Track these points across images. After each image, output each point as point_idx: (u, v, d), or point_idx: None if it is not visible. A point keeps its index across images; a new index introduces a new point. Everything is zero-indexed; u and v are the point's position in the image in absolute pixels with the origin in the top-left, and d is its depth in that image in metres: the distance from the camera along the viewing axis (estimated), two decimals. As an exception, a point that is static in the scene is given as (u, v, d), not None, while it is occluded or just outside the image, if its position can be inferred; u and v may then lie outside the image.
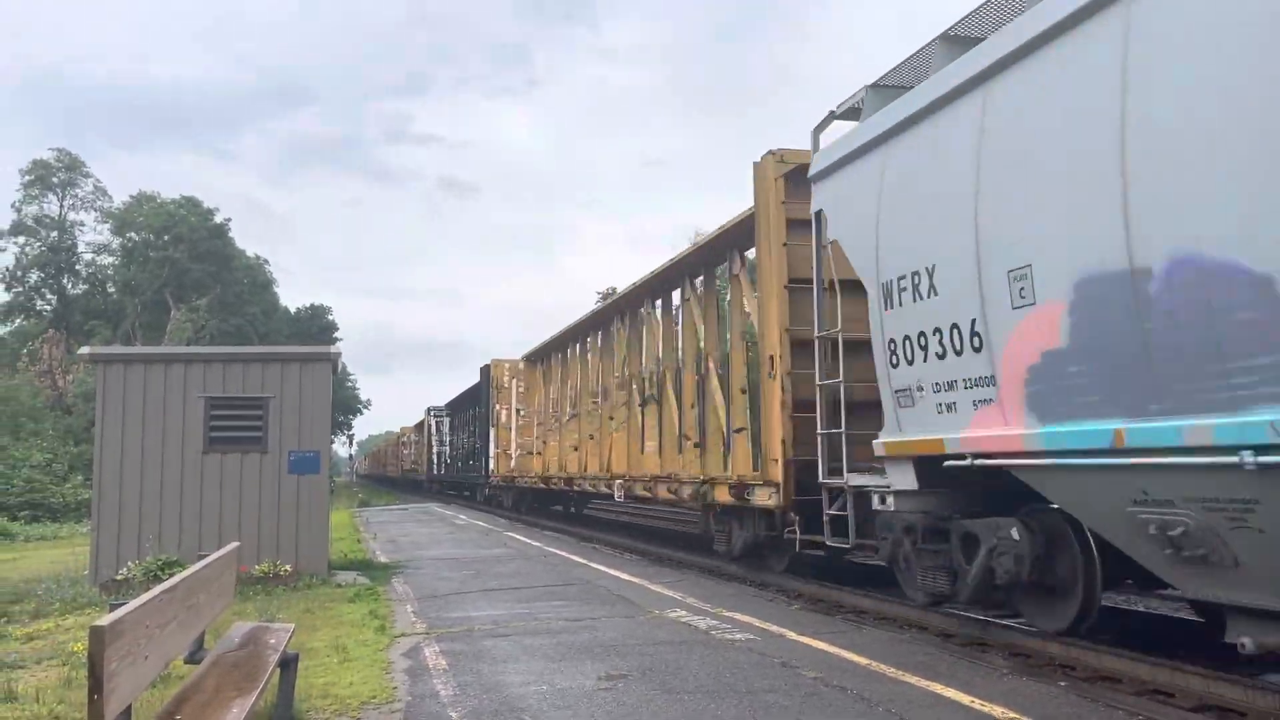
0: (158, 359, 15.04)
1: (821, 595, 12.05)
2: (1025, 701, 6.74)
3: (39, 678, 8.48)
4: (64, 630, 11.10)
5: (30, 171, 66.76)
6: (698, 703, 6.86)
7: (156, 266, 64.15)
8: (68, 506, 36.88)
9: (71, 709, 7.07)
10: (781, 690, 7.17)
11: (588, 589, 13.01)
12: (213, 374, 14.67)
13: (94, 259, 69.54)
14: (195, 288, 64.04)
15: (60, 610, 12.66)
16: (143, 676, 4.38)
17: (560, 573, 14.99)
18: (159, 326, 60.74)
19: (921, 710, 6.55)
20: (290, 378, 14.78)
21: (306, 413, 14.78)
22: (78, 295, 68.46)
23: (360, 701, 7.15)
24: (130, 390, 14.37)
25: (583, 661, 8.33)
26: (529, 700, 7.04)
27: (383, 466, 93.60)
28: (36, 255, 67.10)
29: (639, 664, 8.17)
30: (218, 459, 14.46)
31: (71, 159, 67.78)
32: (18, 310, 67.86)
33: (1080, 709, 6.59)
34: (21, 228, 66.79)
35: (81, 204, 68.51)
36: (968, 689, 7.10)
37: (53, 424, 45.74)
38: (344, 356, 16.74)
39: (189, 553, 13.43)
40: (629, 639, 9.32)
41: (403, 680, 7.82)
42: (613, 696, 7.09)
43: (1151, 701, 6.97)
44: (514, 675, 7.88)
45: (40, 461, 39.54)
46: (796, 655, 8.42)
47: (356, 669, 8.27)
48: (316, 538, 14.67)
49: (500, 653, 8.81)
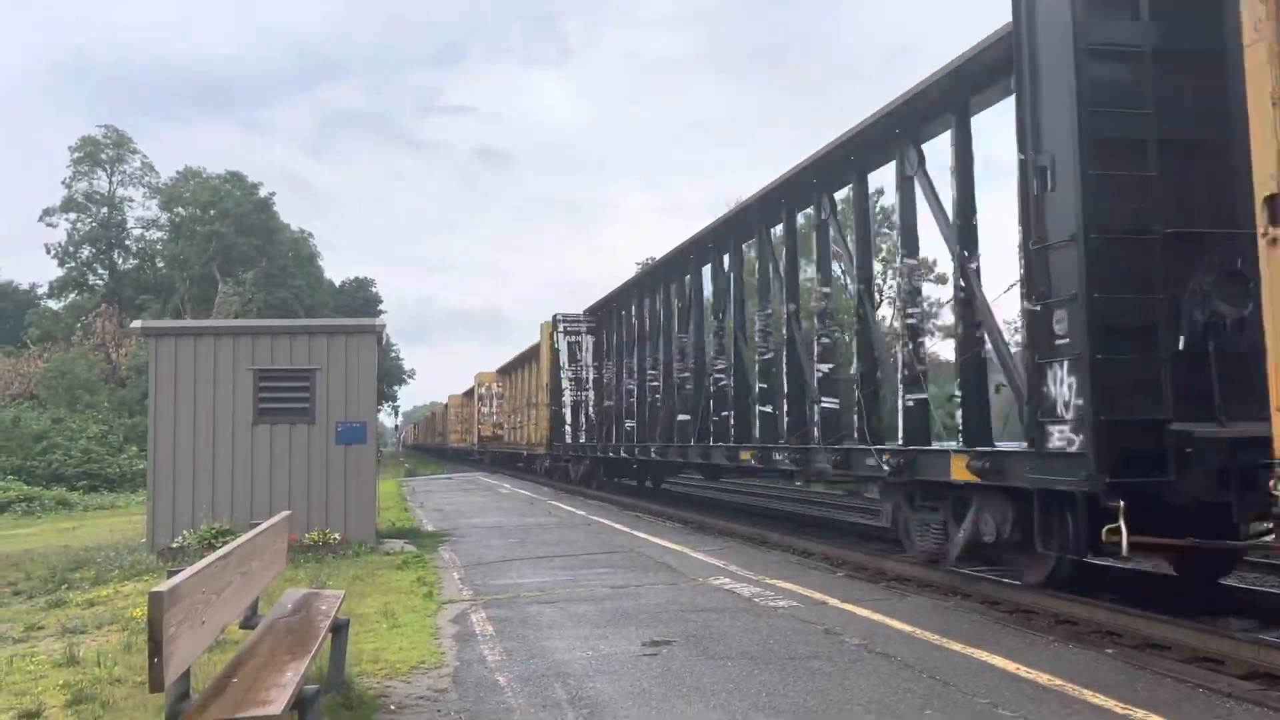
0: (208, 332, 15.32)
1: (865, 563, 12.04)
2: (1072, 669, 6.70)
3: (100, 642, 8.74)
4: (123, 596, 11.41)
5: (79, 148, 67.83)
6: (741, 668, 6.91)
7: (204, 241, 65.06)
8: (124, 476, 37.79)
9: (132, 672, 7.28)
10: (825, 657, 7.20)
11: (631, 556, 13.11)
12: (261, 346, 14.91)
13: (143, 234, 70.71)
14: (241, 261, 64.87)
15: (119, 577, 13.02)
16: (200, 640, 4.51)
17: (604, 540, 15.11)
18: (207, 300, 61.67)
19: (967, 677, 6.54)
20: (336, 350, 14.98)
21: (353, 384, 14.99)
22: (128, 270, 69.69)
23: (410, 666, 7.29)
24: (181, 363, 14.66)
25: (627, 627, 8.41)
26: (574, 665, 7.14)
27: (434, 436, 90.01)
28: (88, 231, 68.34)
29: (682, 630, 8.23)
30: (267, 430, 14.72)
31: (119, 136, 68.73)
32: (71, 285, 69.27)
33: (1128, 676, 6.54)
34: (72, 204, 68.00)
35: (130, 180, 69.56)
36: (1013, 656, 7.08)
37: (107, 396, 46.74)
38: (387, 328, 16.91)
39: (241, 521, 13.72)
40: (672, 605, 9.39)
41: (451, 646, 7.96)
42: (657, 662, 7.16)
43: (1200, 669, 6.91)
44: (559, 641, 7.98)
45: (96, 433, 40.48)
46: (840, 622, 8.44)
47: (405, 635, 8.42)
48: (364, 507, 14.92)
49: (546, 619, 8.92)
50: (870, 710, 5.84)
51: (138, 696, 6.51)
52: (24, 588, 13.24)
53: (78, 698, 6.70)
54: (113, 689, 6.89)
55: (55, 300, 70.25)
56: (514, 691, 6.49)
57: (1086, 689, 6.19)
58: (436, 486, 34.04)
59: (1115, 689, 6.18)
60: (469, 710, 6.12)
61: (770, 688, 6.39)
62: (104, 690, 6.85)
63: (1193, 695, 6.09)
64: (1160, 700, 5.94)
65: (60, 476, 36.57)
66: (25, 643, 9.24)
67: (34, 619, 10.43)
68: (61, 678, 7.35)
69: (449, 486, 33.79)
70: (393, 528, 17.45)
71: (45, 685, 7.23)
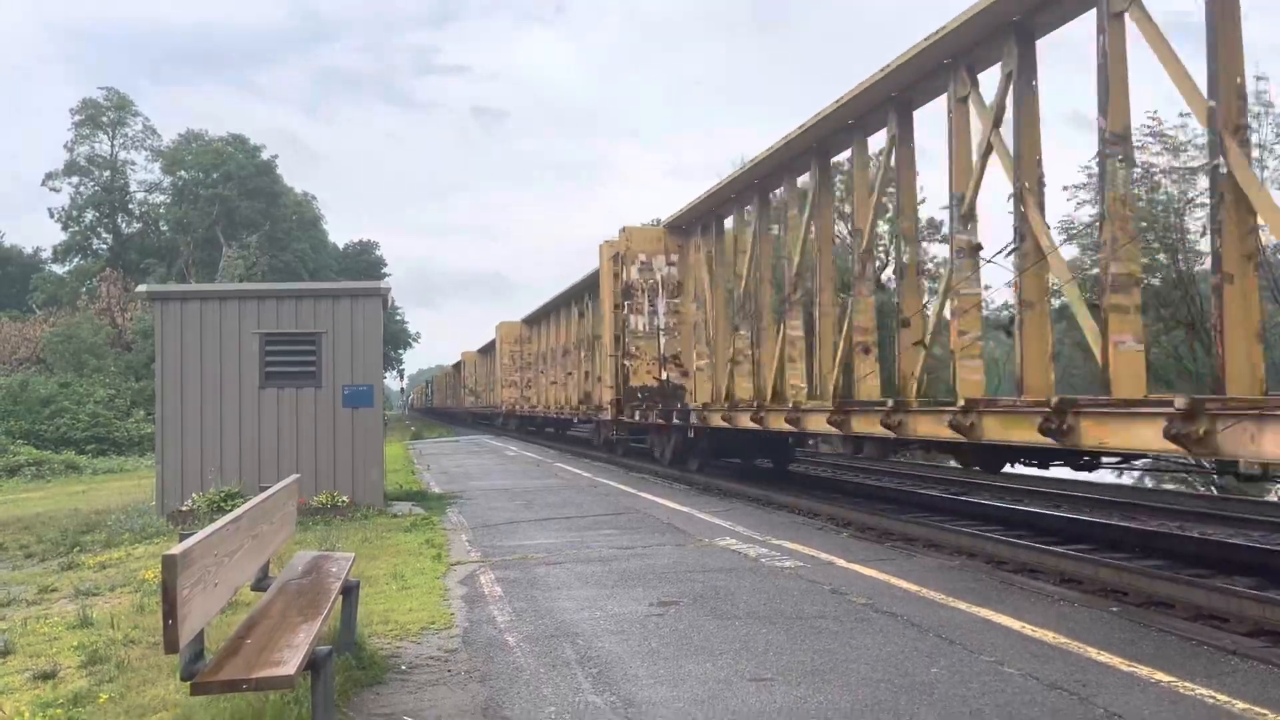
0: (213, 296, 15.32)
1: (871, 523, 12.10)
2: (1077, 627, 6.75)
3: (113, 604, 8.83)
4: (134, 559, 11.52)
5: (80, 111, 67.54)
6: (748, 627, 6.97)
7: (207, 204, 65.01)
8: (131, 440, 38.04)
9: (145, 634, 7.37)
10: (831, 616, 7.26)
11: (638, 518, 13.19)
12: (266, 310, 14.92)
13: (146, 198, 70.62)
14: (245, 225, 64.85)
15: (130, 540, 13.13)
16: (213, 603, 4.55)
17: (610, 502, 15.19)
18: (211, 264, 61.70)
19: (972, 636, 6.60)
20: (342, 313, 14.98)
21: (359, 347, 15.01)
22: (132, 234, 69.70)
23: (420, 627, 7.36)
24: (187, 327, 14.68)
25: (634, 588, 8.48)
26: (582, 625, 7.21)
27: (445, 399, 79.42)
28: (91, 195, 68.26)
29: (689, 590, 8.30)
30: (274, 393, 14.77)
31: (121, 98, 68.47)
32: (75, 249, 69.30)
33: (1133, 634, 6.59)
34: (75, 168, 67.89)
35: (132, 143, 69.36)
36: (1018, 614, 7.13)
37: (114, 360, 46.91)
38: (391, 291, 16.89)
39: (249, 485, 13.81)
40: (679, 566, 9.46)
41: (460, 607, 8.03)
42: (664, 621, 7.23)
43: (1205, 626, 6.96)
44: (567, 601, 8.05)
45: (103, 397, 40.68)
46: (846, 582, 8.50)
47: (415, 596, 8.50)
48: (372, 470, 15.00)
49: (554, 580, 9.00)
50: (877, 668, 5.89)
51: (152, 657, 6.59)
52: (36, 550, 13.38)
53: (92, 659, 6.79)
54: (127, 650, 6.98)
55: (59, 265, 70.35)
56: (523, 651, 6.56)
57: (1091, 646, 6.23)
58: (443, 449, 34.19)
59: (1119, 646, 6.23)
60: (479, 670, 6.19)
61: (778, 646, 6.45)
62: (118, 651, 6.94)
63: (1197, 652, 6.13)
64: (1164, 657, 5.99)
65: (69, 440, 36.82)
66: (39, 605, 9.35)
67: (47, 581, 10.54)
68: (76, 639, 7.44)
69: (455, 449, 33.93)
70: (400, 490, 17.56)
71: (60, 647, 7.33)
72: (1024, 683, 5.55)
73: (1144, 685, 5.46)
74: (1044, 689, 5.42)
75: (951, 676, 5.70)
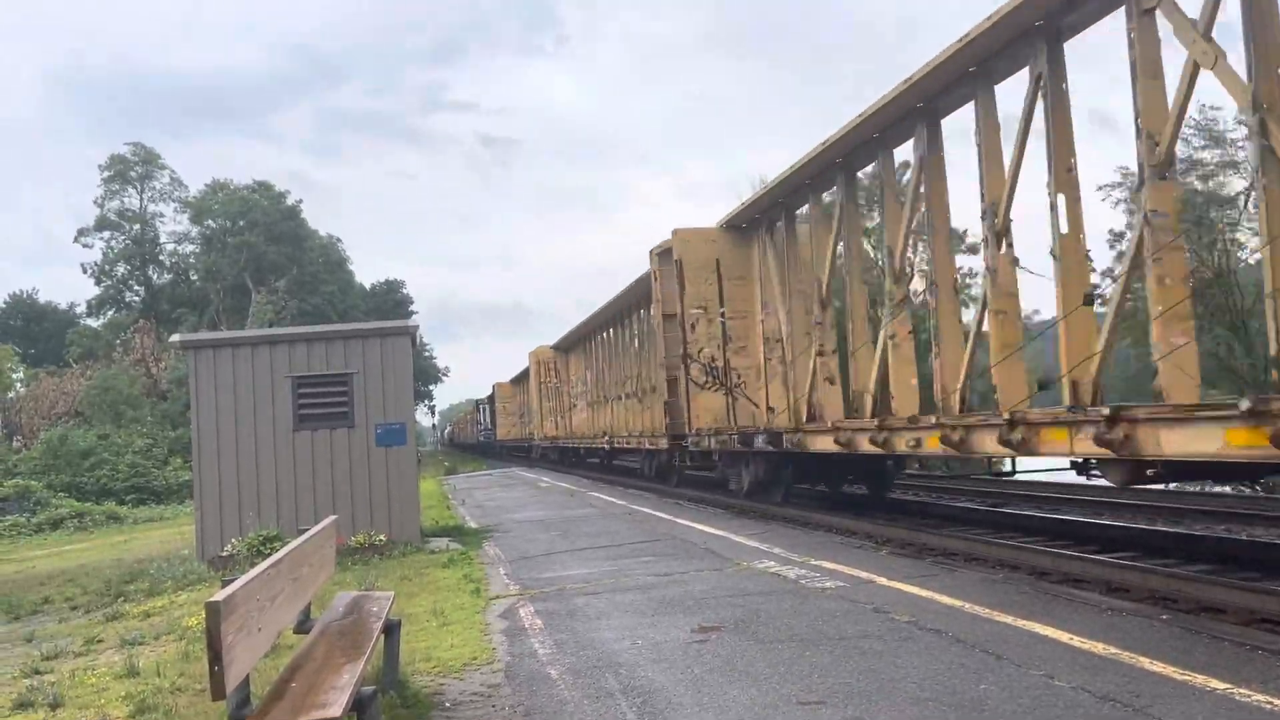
0: (244, 342, 15.52)
1: (910, 539, 11.99)
2: (1127, 637, 6.64)
3: (158, 652, 8.90)
4: (178, 606, 11.61)
5: (109, 167, 68.84)
6: (792, 651, 6.91)
7: (235, 252, 65.87)
8: (170, 488, 38.46)
9: (191, 680, 7.41)
10: (875, 635, 7.18)
11: (674, 544, 13.14)
12: (297, 354, 15.08)
13: (176, 248, 71.74)
14: (273, 270, 65.61)
15: (173, 587, 13.24)
16: (258, 647, 4.58)
17: (646, 529, 15.15)
18: (241, 310, 62.45)
19: (1020, 649, 6.50)
20: (372, 353, 15.11)
21: (390, 386, 15.13)
22: (163, 284, 70.77)
23: (462, 663, 7.36)
24: (220, 374, 14.86)
25: (674, 615, 8.43)
26: (625, 655, 7.17)
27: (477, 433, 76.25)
28: (122, 249, 69.44)
29: (730, 616, 8.24)
30: (308, 435, 14.89)
31: (147, 152, 69.75)
32: (108, 303, 70.43)
33: (1186, 641, 6.47)
34: (106, 222, 69.10)
35: (160, 196, 70.57)
36: (1066, 626, 7.02)
37: (150, 410, 47.55)
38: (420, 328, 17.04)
39: (288, 527, 13.90)
40: (718, 591, 9.40)
41: (501, 641, 8.02)
42: (707, 648, 7.18)
43: (1260, 631, 6.82)
44: (608, 631, 8.02)
45: (141, 447, 41.21)
46: (888, 600, 8.41)
47: (456, 632, 8.50)
48: (408, 507, 15.07)
49: (593, 610, 8.97)
50: (925, 686, 5.82)
51: (199, 704, 6.62)
52: (81, 602, 13.52)
53: (141, 708, 6.83)
54: (174, 698, 7.02)
55: (94, 318, 71.47)
56: (567, 684, 6.53)
57: (1143, 656, 6.12)
58: (477, 483, 34.26)
59: (1172, 654, 6.11)
60: (523, 704, 6.16)
61: (822, 669, 6.38)
62: (165, 700, 6.98)
63: (1251, 658, 6.01)
64: (1219, 664, 5.87)
65: (109, 491, 37.29)
66: (86, 656, 9.44)
67: (93, 632, 10.64)
68: (123, 689, 7.49)
69: (489, 483, 34.00)
70: (437, 526, 17.60)
71: (108, 697, 7.38)
72: (1076, 696, 5.45)
73: (1199, 694, 5.35)
74: (1096, 701, 5.33)
75: (1001, 692, 5.62)
